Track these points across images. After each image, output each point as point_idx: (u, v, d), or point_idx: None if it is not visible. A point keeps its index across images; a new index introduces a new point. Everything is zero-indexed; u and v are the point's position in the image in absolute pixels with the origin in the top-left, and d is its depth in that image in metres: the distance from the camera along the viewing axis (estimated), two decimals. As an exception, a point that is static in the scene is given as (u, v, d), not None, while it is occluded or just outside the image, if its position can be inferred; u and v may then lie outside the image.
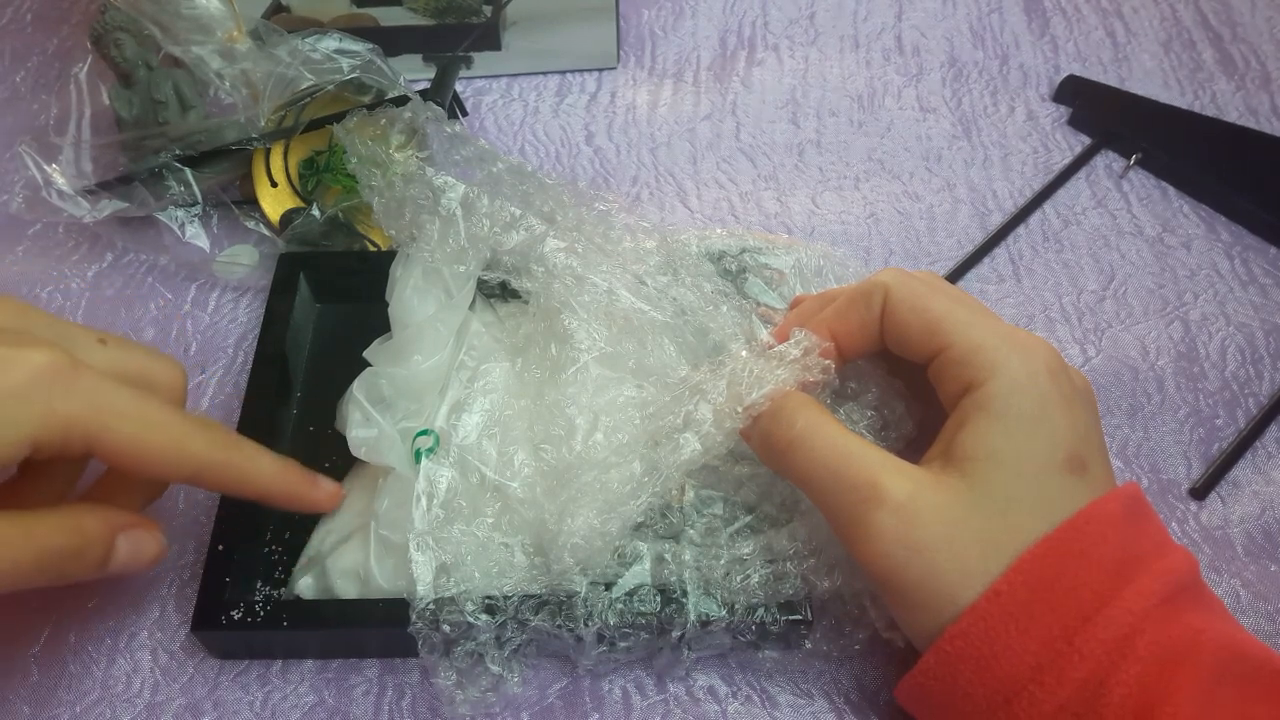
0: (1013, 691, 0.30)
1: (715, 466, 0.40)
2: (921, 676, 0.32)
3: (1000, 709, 0.30)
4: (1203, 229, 0.55)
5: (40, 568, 0.31)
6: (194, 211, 0.51)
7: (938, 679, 0.32)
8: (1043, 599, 0.30)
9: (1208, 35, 0.65)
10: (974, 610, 0.31)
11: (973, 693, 0.31)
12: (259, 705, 0.39)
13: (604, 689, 0.39)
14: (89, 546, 0.33)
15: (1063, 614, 0.30)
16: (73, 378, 0.31)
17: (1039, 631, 0.30)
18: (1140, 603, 0.30)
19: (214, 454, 0.34)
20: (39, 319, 0.34)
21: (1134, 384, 0.48)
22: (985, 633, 0.30)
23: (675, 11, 0.67)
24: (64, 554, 0.32)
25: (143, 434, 0.32)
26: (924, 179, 0.58)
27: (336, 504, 0.39)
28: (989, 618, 0.30)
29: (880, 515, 0.32)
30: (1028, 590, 0.30)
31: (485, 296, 0.47)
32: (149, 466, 0.33)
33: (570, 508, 0.37)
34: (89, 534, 0.33)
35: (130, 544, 0.34)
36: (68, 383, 0.31)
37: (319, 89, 0.52)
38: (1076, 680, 0.29)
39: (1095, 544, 0.31)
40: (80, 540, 0.33)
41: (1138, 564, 0.31)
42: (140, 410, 0.32)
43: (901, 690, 0.34)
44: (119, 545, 0.34)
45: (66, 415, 0.30)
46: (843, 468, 0.33)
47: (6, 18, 0.67)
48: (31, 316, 0.34)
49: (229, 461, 0.34)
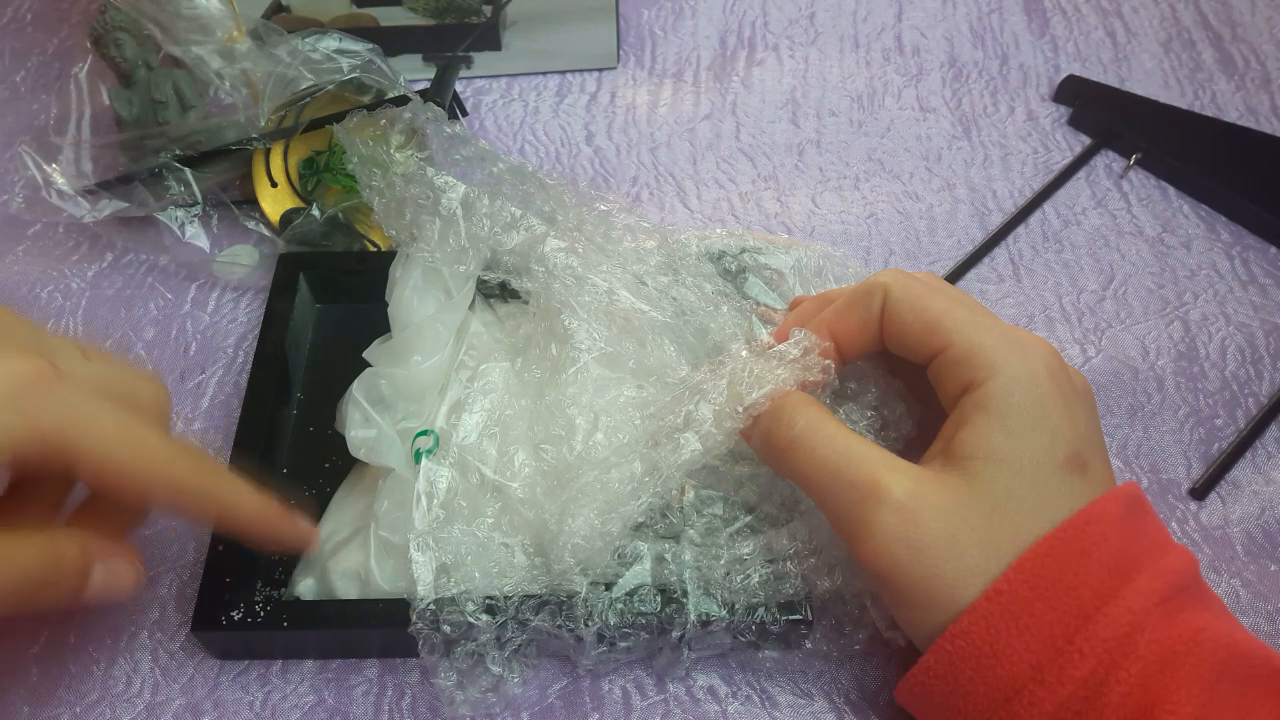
0: (1013, 690, 0.30)
1: (715, 466, 0.40)
2: (922, 676, 0.32)
3: (1001, 708, 0.31)
4: (1203, 229, 0.55)
5: (13, 594, 0.30)
6: (194, 211, 0.51)
7: (938, 678, 0.32)
8: (1043, 598, 0.30)
9: (1208, 35, 0.65)
10: (974, 609, 0.31)
11: (973, 692, 0.31)
12: (259, 705, 0.39)
13: (604, 689, 0.39)
14: (65, 575, 0.32)
15: (1063, 613, 0.30)
16: (54, 388, 0.30)
17: (1040, 630, 0.30)
18: (1140, 602, 0.30)
19: (195, 480, 0.33)
20: (21, 328, 0.33)
21: (1134, 384, 0.48)
22: (986, 632, 0.30)
23: (675, 11, 0.67)
24: (39, 581, 0.31)
25: (123, 451, 0.31)
26: (924, 179, 0.58)
27: (313, 546, 0.39)
28: (990, 616, 0.30)
29: (881, 514, 0.32)
30: (1028, 589, 0.30)
31: (485, 296, 0.47)
32: (128, 486, 0.32)
33: (571, 508, 0.37)
34: (66, 561, 0.32)
35: (106, 573, 0.33)
36: (48, 393, 0.30)
37: (319, 89, 0.52)
38: (1077, 679, 0.29)
39: (1095, 543, 0.31)
40: (57, 568, 0.32)
41: (1138, 563, 0.31)
42: (122, 427, 0.31)
43: (902, 690, 0.34)
44: (95, 574, 0.33)
45: (46, 426, 0.29)
46: (843, 467, 0.33)
47: (6, 18, 0.67)
48: (13, 325, 0.33)
49: (210, 489, 0.33)
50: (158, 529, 0.43)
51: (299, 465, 0.44)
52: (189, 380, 0.49)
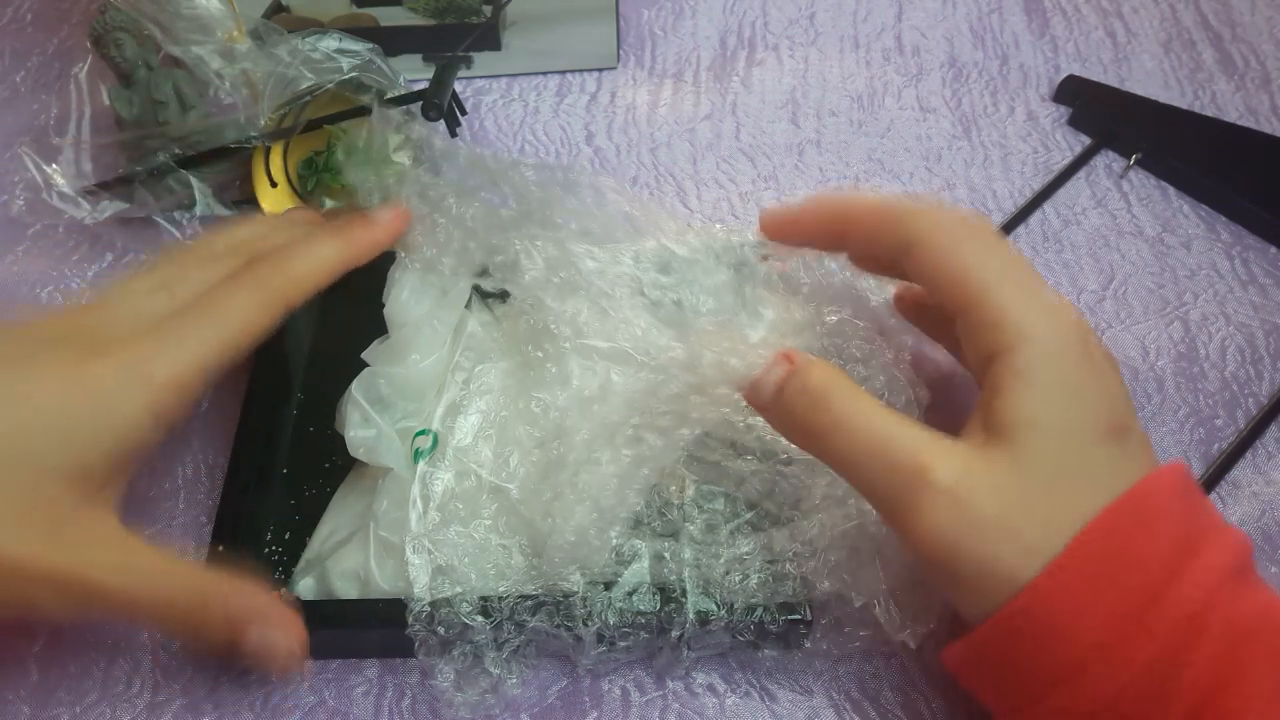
0: (1075, 669, 0.29)
1: (717, 462, 0.40)
2: (977, 647, 0.31)
3: (1060, 684, 0.29)
4: (1203, 229, 0.55)
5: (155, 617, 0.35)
6: (194, 212, 0.51)
7: (993, 651, 0.31)
8: (1106, 574, 0.29)
9: (1208, 35, 0.65)
10: (1035, 587, 0.29)
11: (1032, 668, 0.30)
12: (259, 705, 0.39)
13: (604, 689, 0.39)
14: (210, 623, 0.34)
15: (1128, 590, 0.29)
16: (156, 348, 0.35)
17: (1103, 608, 0.29)
18: (1209, 578, 0.29)
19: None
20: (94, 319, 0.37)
21: (1134, 384, 0.48)
22: (1046, 610, 0.29)
23: (675, 11, 0.67)
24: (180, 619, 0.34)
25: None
26: (924, 179, 0.57)
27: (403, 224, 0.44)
28: (1051, 594, 0.29)
29: (930, 497, 0.31)
30: (1091, 565, 0.29)
31: (482, 297, 0.47)
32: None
33: (558, 506, 0.37)
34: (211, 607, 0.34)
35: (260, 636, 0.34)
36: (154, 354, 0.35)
37: (319, 89, 0.52)
38: (1144, 659, 0.29)
39: (1157, 516, 0.30)
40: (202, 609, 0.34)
41: (1201, 537, 0.30)
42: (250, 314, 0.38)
43: (950, 655, 0.33)
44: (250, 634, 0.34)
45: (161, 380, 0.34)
46: (886, 449, 0.32)
47: (6, 18, 0.67)
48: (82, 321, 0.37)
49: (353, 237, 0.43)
50: (158, 529, 0.43)
51: (299, 465, 0.44)
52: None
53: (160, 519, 0.44)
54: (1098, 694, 0.29)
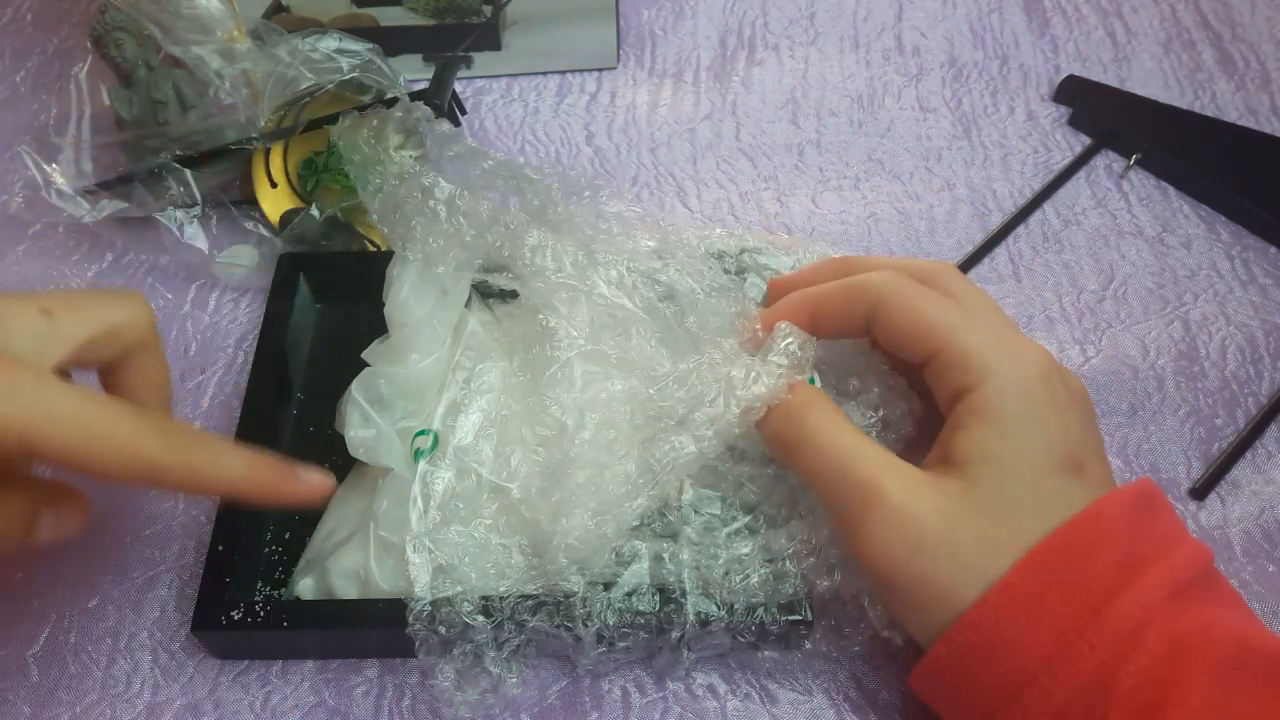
0: (1024, 682, 0.30)
1: (715, 466, 0.40)
2: (933, 665, 0.32)
3: (1011, 700, 0.31)
4: (1203, 229, 0.55)
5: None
6: (193, 212, 0.51)
7: (949, 668, 0.32)
8: (1053, 591, 0.30)
9: (1208, 35, 0.65)
10: (985, 602, 0.31)
11: (984, 683, 0.31)
12: (259, 705, 0.39)
13: (604, 689, 0.39)
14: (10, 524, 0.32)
15: (1072, 606, 0.30)
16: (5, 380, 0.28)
17: (1049, 624, 0.30)
18: (1149, 595, 0.30)
19: (169, 456, 0.31)
20: None
21: (1134, 384, 0.48)
22: (995, 624, 0.31)
23: (675, 11, 0.67)
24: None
25: (86, 438, 0.29)
26: (924, 179, 0.57)
27: (325, 494, 0.35)
28: (999, 609, 0.31)
29: (880, 515, 0.32)
30: (1038, 583, 0.31)
31: (483, 296, 0.47)
32: (96, 470, 0.30)
33: (563, 508, 0.37)
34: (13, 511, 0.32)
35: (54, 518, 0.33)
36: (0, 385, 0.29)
37: (319, 89, 0.52)
38: (1086, 672, 0.30)
39: (1103, 537, 0.31)
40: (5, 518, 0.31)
41: (1147, 558, 0.31)
42: (82, 413, 0.29)
43: (915, 678, 0.34)
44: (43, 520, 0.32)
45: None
46: (847, 467, 0.34)
47: (6, 18, 0.67)
48: None
49: (187, 463, 0.31)
50: (158, 529, 0.43)
51: (299, 465, 0.44)
52: (189, 380, 0.49)
53: (160, 519, 0.44)
54: (1047, 707, 0.30)
